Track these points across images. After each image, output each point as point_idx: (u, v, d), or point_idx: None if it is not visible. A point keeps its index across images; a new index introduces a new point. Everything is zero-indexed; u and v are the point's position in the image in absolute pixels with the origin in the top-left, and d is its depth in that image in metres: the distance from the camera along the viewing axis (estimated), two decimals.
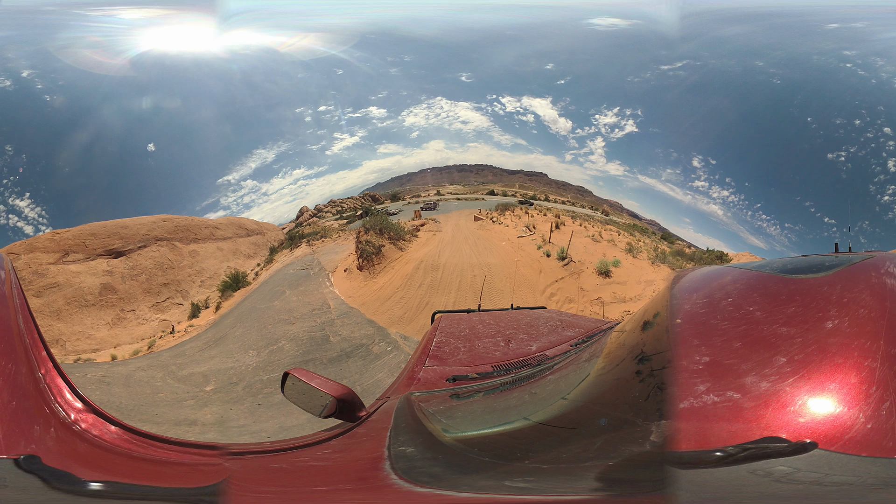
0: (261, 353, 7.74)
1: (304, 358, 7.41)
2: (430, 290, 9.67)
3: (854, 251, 1.96)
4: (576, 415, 1.07)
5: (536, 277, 9.73)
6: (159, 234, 9.28)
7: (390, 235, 10.80)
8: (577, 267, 9.86)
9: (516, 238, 10.91)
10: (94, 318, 8.29)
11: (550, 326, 2.72)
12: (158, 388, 6.67)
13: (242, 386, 6.72)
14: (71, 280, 8.35)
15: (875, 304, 0.99)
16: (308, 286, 9.98)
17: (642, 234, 10.34)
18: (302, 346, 7.86)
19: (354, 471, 1.11)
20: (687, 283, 1.19)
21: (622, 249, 10.18)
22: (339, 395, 1.46)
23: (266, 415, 5.88)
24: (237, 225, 10.59)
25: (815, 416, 0.82)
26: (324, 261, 10.81)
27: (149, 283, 8.96)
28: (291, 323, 8.66)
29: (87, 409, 1.13)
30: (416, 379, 1.85)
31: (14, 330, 1.14)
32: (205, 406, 6.23)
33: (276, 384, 6.92)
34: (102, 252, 8.73)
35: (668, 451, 0.83)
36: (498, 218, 11.44)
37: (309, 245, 11.06)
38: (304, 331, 8.36)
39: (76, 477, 0.97)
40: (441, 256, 10.61)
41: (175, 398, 6.42)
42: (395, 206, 11.41)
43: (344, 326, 8.57)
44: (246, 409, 6.11)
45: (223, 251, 10.09)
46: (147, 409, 6.02)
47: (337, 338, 8.10)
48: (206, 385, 6.77)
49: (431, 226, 11.36)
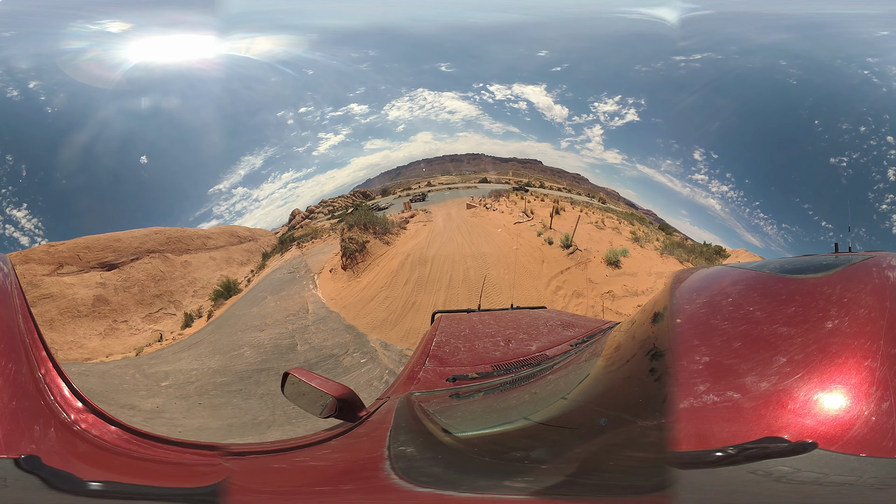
0: (223, 358, 7.51)
1: (259, 367, 7.09)
2: (418, 288, 9.11)
3: (854, 251, 1.96)
4: (575, 415, 1.07)
5: (539, 268, 9.14)
6: (151, 247, 9.31)
7: (375, 230, 10.44)
8: (584, 256, 9.24)
9: (513, 224, 10.43)
10: (86, 328, 8.33)
11: (550, 326, 2.72)
12: (125, 381, 6.72)
13: (195, 386, 6.63)
14: (64, 291, 8.39)
15: (875, 303, 0.99)
16: (290, 290, 9.71)
17: (641, 224, 10.18)
18: (263, 353, 7.55)
19: (354, 471, 1.11)
20: (687, 283, 1.19)
21: (628, 238, 9.70)
22: (339, 395, 1.46)
23: (198, 413, 5.92)
24: (229, 233, 10.58)
25: (815, 416, 0.82)
26: (311, 262, 10.55)
27: (141, 294, 8.96)
28: (262, 329, 8.39)
29: (87, 409, 1.13)
30: (416, 379, 1.85)
31: (14, 330, 1.14)
32: (153, 397, 6.27)
33: (226, 388, 6.38)
34: (96, 265, 8.78)
35: (668, 451, 0.83)
36: (492, 204, 11.07)
37: (299, 247, 10.93)
38: (272, 338, 8.04)
39: (76, 477, 0.97)
40: (430, 248, 10.02)
41: (133, 388, 6.51)
42: (386, 201, 11.29)
43: (318, 333, 8.16)
44: (186, 405, 6.11)
45: (216, 260, 10.08)
46: (108, 395, 6.24)
47: (305, 346, 7.71)
48: (164, 381, 6.74)
49: (421, 216, 11.03)
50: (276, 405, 5.71)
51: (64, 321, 8.24)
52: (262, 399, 6.03)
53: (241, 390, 6.25)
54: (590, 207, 10.49)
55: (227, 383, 6.45)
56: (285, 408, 5.56)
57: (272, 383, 6.33)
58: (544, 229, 10.12)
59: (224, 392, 6.21)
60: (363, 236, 10.31)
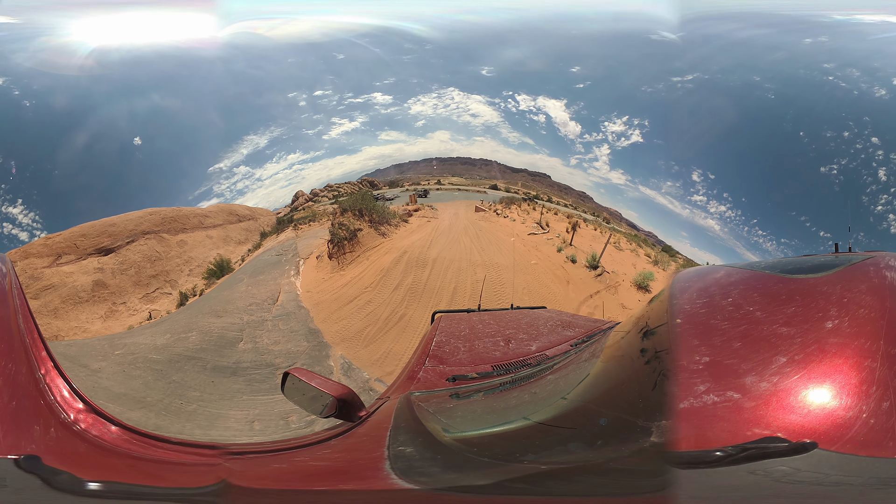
0: (171, 338, 7.05)
1: (192, 354, 6.55)
2: (411, 297, 7.63)
3: (854, 251, 1.96)
4: (575, 415, 1.07)
5: (564, 289, 8.17)
6: (147, 228, 9.28)
7: (372, 218, 9.66)
8: (613, 279, 8.57)
9: (527, 235, 9.87)
10: (88, 313, 8.35)
11: (550, 326, 2.72)
12: (94, 349, 6.73)
13: (132, 357, 6.52)
14: (65, 280, 8.42)
15: (875, 304, 0.99)
16: (269, 275, 8.84)
17: (646, 245, 10.17)
18: (204, 342, 6.89)
19: (354, 471, 1.11)
20: (687, 283, 1.19)
21: (650, 261, 9.29)
22: (339, 394, 1.46)
23: (115, 378, 5.93)
24: (228, 211, 10.45)
25: (815, 416, 0.82)
26: (301, 245, 9.69)
27: (138, 275, 8.92)
28: (219, 316, 7.66)
29: (87, 409, 1.13)
30: (416, 378, 1.85)
31: (14, 330, 1.14)
32: (102, 361, 6.28)
33: (152, 365, 6.35)
34: (93, 251, 8.81)
35: (667, 451, 0.83)
36: (503, 211, 10.72)
37: (295, 229, 10.37)
38: (223, 327, 7.29)
39: (76, 477, 0.97)
40: (432, 248, 8.93)
41: (95, 355, 6.53)
42: (392, 192, 11.17)
43: (271, 332, 7.20)
44: (115, 370, 6.14)
45: (213, 239, 9.96)
46: (77, 357, 6.31)
47: (248, 345, 6.90)
48: (118, 350, 6.71)
49: (426, 212, 10.67)
50: (175, 395, 5.65)
51: (67, 309, 8.29)
52: (169, 384, 5.89)
53: (160, 370, 6.17)
54: (601, 227, 10.36)
55: (155, 361, 6.37)
56: (181, 400, 5.55)
57: (190, 372, 6.13)
58: (564, 245, 9.55)
59: (147, 368, 6.14)
60: (356, 223, 9.59)
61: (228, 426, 5.28)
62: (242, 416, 5.45)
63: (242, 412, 5.53)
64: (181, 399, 5.60)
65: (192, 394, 5.74)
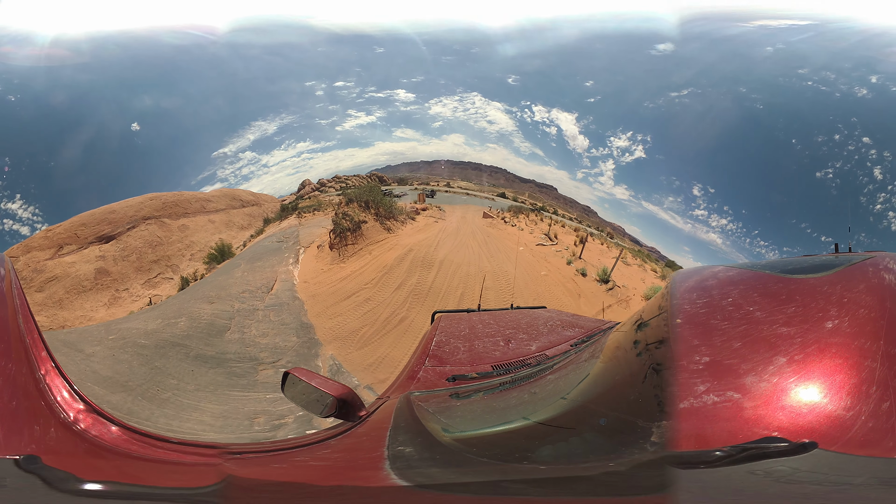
0: (161, 323, 6.93)
1: (178, 341, 6.38)
2: (413, 298, 7.16)
3: (854, 251, 1.96)
4: (575, 415, 1.07)
5: (576, 302, 7.92)
6: (147, 213, 9.22)
7: (378, 212, 9.26)
8: (624, 293, 8.45)
9: (535, 245, 9.75)
10: (92, 301, 8.34)
11: (550, 326, 2.72)
12: (91, 335, 6.73)
13: (124, 342, 6.50)
14: (67, 271, 8.40)
15: (875, 304, 0.99)
16: (267, 261, 8.54)
17: (651, 260, 10.14)
18: (192, 329, 6.68)
19: (354, 471, 1.11)
20: (687, 283, 1.19)
21: (657, 276, 9.30)
22: (339, 394, 1.46)
23: (105, 362, 5.92)
24: (231, 196, 10.32)
25: (815, 416, 0.82)
26: (304, 234, 9.37)
27: (139, 261, 8.87)
28: (211, 302, 7.40)
29: (87, 408, 1.13)
30: (415, 378, 1.85)
31: (14, 330, 1.14)
32: (96, 345, 6.29)
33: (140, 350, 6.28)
34: (94, 239, 8.79)
35: (668, 451, 0.83)
36: (510, 219, 10.70)
37: (298, 217, 10.15)
38: (213, 314, 7.03)
39: (76, 477, 0.97)
40: (439, 249, 8.51)
41: (91, 339, 6.53)
42: (401, 190, 11.06)
43: (261, 323, 6.83)
44: (107, 354, 6.14)
45: (215, 223, 9.86)
46: (75, 343, 6.32)
47: (234, 335, 6.60)
48: (112, 335, 6.71)
49: (434, 212, 10.50)
50: (153, 381, 5.62)
51: (71, 298, 8.28)
52: (153, 369, 5.82)
53: (146, 356, 6.12)
54: (607, 241, 10.31)
55: (143, 346, 6.31)
56: (157, 387, 5.51)
57: (172, 360, 6.04)
58: (573, 258, 9.49)
59: (134, 353, 6.11)
60: (361, 214, 9.12)
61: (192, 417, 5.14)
62: (219, 410, 5.27)
63: (218, 406, 5.32)
64: (158, 386, 5.52)
65: (170, 381, 5.63)
